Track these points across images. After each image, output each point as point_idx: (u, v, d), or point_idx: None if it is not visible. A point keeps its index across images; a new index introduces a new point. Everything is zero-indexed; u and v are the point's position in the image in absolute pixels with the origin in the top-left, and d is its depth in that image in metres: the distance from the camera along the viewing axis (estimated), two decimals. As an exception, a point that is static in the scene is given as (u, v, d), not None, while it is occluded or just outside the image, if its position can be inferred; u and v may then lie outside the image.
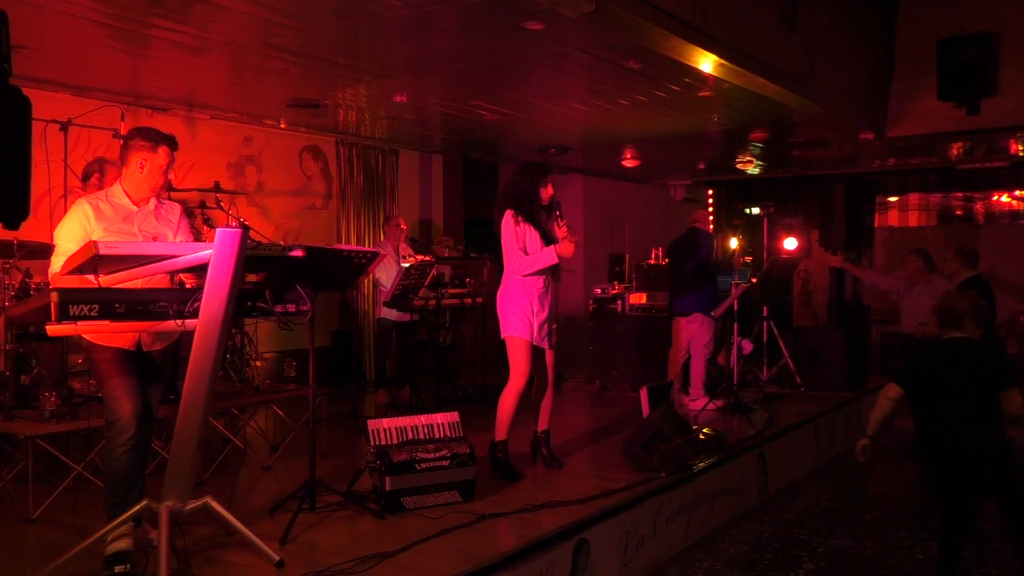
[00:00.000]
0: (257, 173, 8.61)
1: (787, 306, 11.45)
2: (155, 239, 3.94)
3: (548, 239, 5.27)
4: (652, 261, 9.58)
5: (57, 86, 6.69)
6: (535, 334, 5.23)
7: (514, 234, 5.19)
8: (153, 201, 4.03)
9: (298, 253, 3.75)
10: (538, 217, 5.26)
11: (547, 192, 5.26)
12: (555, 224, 5.27)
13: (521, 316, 5.22)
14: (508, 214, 5.22)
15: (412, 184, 10.47)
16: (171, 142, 3.97)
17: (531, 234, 5.22)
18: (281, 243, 3.83)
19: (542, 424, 5.57)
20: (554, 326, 5.37)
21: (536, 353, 5.33)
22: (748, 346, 8.54)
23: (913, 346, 7.13)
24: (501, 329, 5.26)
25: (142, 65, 6.24)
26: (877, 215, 13.05)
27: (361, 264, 4.50)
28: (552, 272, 5.30)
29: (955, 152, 10.56)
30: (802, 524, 5.85)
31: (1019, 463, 4.15)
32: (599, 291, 9.45)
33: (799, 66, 7.43)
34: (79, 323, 3.24)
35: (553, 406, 5.58)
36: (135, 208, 3.97)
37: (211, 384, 3.47)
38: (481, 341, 8.61)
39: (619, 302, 9.30)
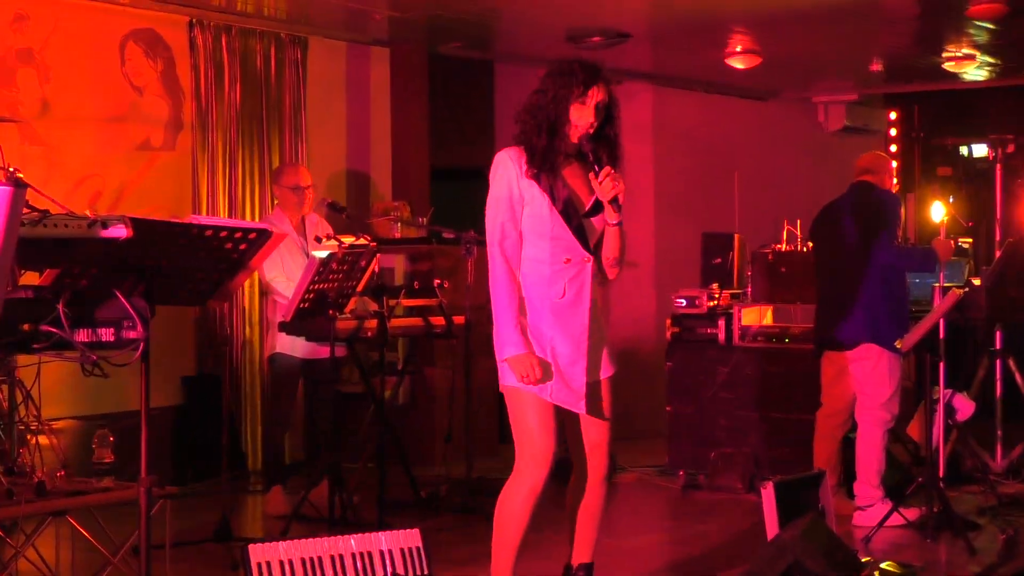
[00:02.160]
0: (39, 83, 8.62)
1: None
2: None
3: (572, 208, 5.23)
4: (785, 247, 9.57)
5: None
6: (556, 387, 5.21)
7: (506, 194, 5.17)
8: None
9: (120, 232, 3.75)
10: (558, 167, 5.23)
11: (584, 117, 5.22)
12: (592, 174, 5.22)
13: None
14: (500, 156, 5.22)
15: (333, 103, 10.49)
16: None
17: (538, 197, 5.19)
18: (87, 214, 3.82)
19: (579, 554, 5.55)
20: (603, 373, 5.35)
21: (565, 419, 5.31)
22: (967, 407, 8.51)
23: None
24: (499, 374, 5.26)
25: None
26: None
27: (238, 252, 4.49)
28: (585, 263, 5.28)
29: None
30: None
31: None
32: (683, 303, 9.42)
33: None
34: None
35: (602, 517, 5.56)
36: None
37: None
38: (464, 395, 8.59)
39: (722, 323, 9.28)
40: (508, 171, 5.17)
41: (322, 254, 7.16)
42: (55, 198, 4.29)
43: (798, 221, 9.55)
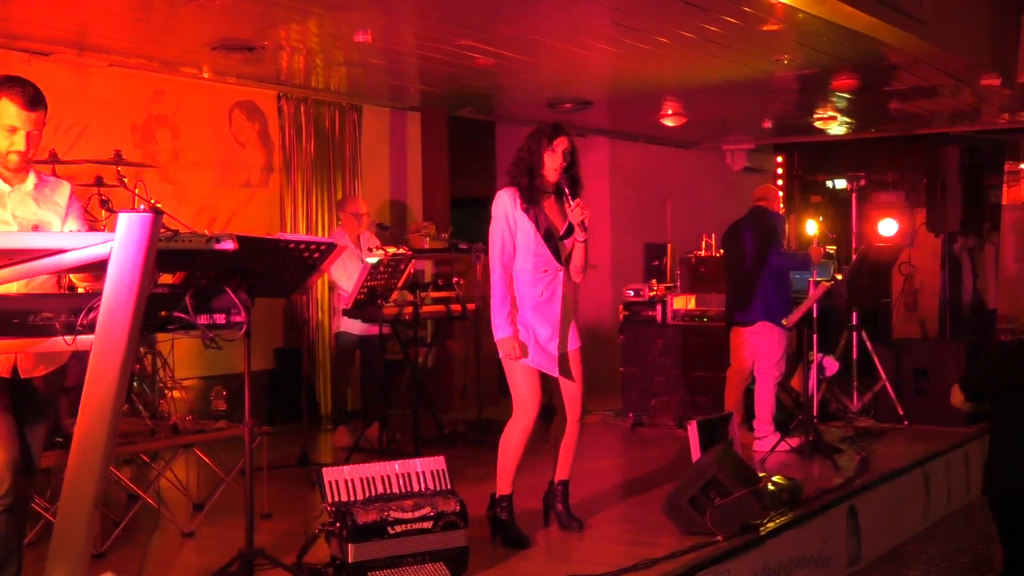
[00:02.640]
0: (172, 139, 8.61)
1: (884, 312, 11.47)
2: (35, 228, 3.94)
3: (550, 233, 5.29)
4: (703, 253, 9.58)
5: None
6: (538, 358, 5.25)
7: (503, 222, 5.26)
8: (32, 178, 4.02)
9: (228, 245, 3.75)
10: (540, 201, 5.30)
11: (554, 161, 5.27)
12: (567, 203, 5.30)
13: (520, 334, 5.26)
14: (500, 194, 5.31)
15: (380, 152, 10.47)
16: (16, 90, 3.83)
17: (525, 225, 5.26)
18: (206, 232, 3.82)
19: (560, 473, 5.57)
20: (571, 346, 5.39)
21: (548, 377, 5.34)
22: (832, 365, 8.54)
23: (996, 348, 7.18)
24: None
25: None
26: (1006, 187, 13.04)
27: (313, 260, 4.50)
28: (558, 272, 5.31)
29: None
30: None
31: None
32: (632, 293, 9.44)
33: (899, -12, 7.44)
34: (-69, 342, 3.23)
35: (577, 447, 5.58)
36: (7, 187, 3.96)
37: (113, 422, 3.46)
38: (475, 361, 8.61)
39: (659, 308, 9.29)
40: (506, 204, 5.31)
41: (373, 260, 7.19)
42: (182, 222, 4.31)
43: (712, 235, 9.57)
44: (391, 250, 7.54)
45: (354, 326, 7.97)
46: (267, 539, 5.23)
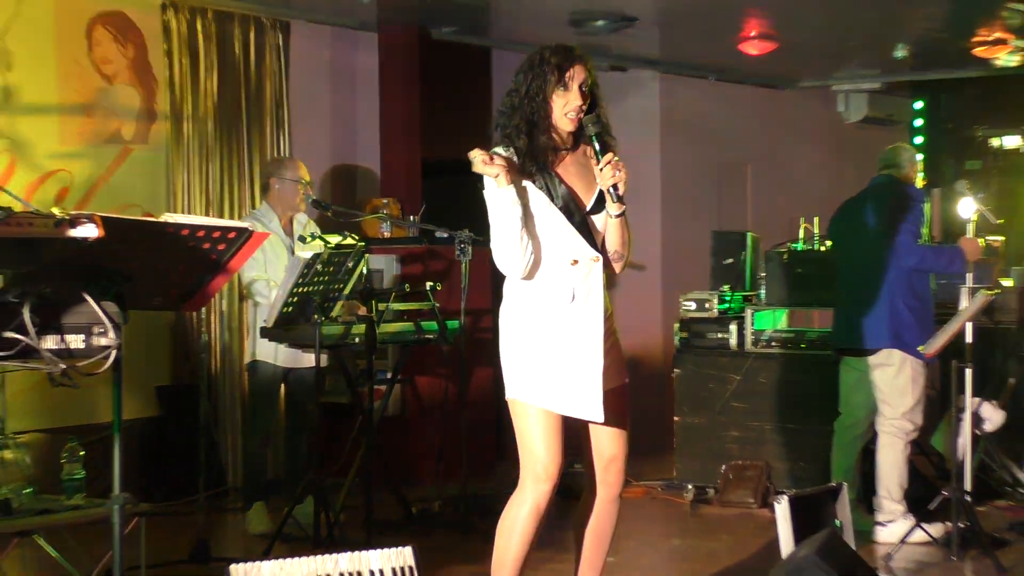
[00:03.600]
0: (2, 70, 8.64)
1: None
2: None
3: (571, 205, 5.25)
4: (801, 246, 9.59)
5: None
6: (568, 398, 5.23)
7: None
8: None
9: (90, 231, 3.77)
10: (553, 166, 5.26)
11: (568, 103, 5.24)
12: (592, 161, 5.25)
13: (533, 359, 5.23)
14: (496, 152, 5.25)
15: (317, 93, 10.50)
16: None
17: (535, 199, 5.21)
18: (54, 212, 3.84)
19: (586, 573, 5.58)
20: (617, 381, 5.37)
21: (572, 431, 5.34)
22: (996, 416, 8.54)
23: None
24: (505, 384, 5.29)
25: None
26: None
27: (217, 253, 4.51)
28: (595, 263, 5.30)
29: None
30: None
31: None
32: (692, 306, 9.45)
33: None
34: None
35: (611, 539, 5.59)
36: None
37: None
38: (459, 407, 8.61)
39: (734, 328, 9.31)
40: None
41: (307, 254, 7.18)
42: (18, 197, 4.31)
43: (816, 218, 9.58)
44: (333, 239, 7.56)
45: (278, 353, 7.99)
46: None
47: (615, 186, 5.10)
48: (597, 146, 5.14)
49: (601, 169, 5.09)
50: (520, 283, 5.22)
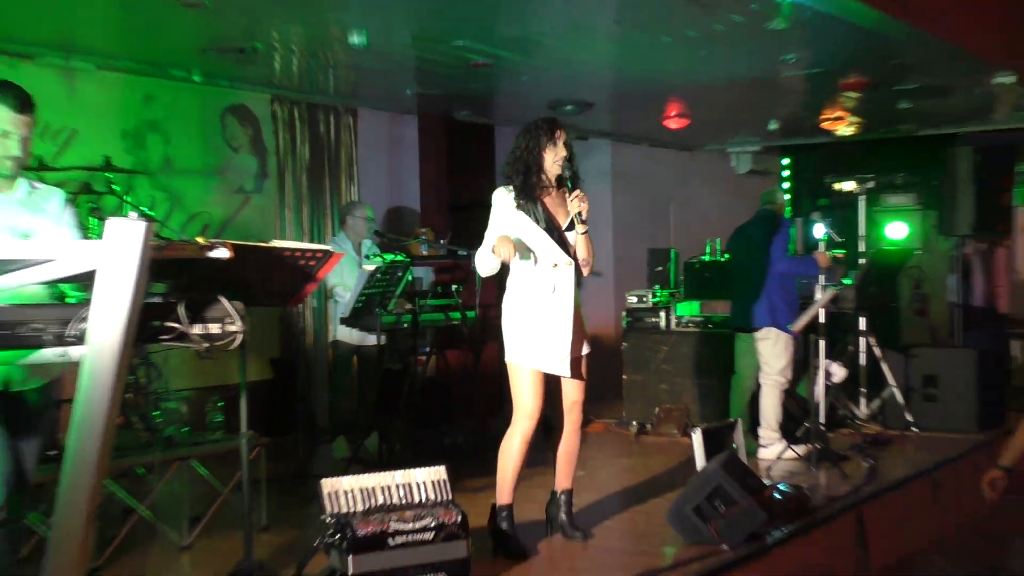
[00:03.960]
0: (163, 145, 8.63)
1: (893, 317, 11.44)
2: (27, 237, 3.96)
3: (552, 227, 5.32)
4: (707, 258, 9.60)
5: None
6: (547, 359, 5.26)
7: (499, 220, 5.30)
8: (22, 185, 4.04)
9: (223, 253, 3.77)
10: (540, 198, 5.33)
11: (556, 154, 5.32)
12: (565, 195, 5.34)
13: (525, 333, 5.27)
14: (500, 192, 5.36)
15: (377, 157, 10.51)
16: (5, 94, 3.87)
17: (524, 222, 5.28)
18: (199, 240, 3.84)
19: (561, 482, 5.59)
20: (583, 351, 5.41)
21: (551, 385, 5.36)
22: (840, 372, 8.54)
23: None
24: (505, 351, 5.37)
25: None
26: (1019, 189, 13.04)
27: (309, 267, 4.51)
28: (569, 266, 5.33)
29: None
30: (918, 615, 5.86)
31: None
32: (635, 299, 9.47)
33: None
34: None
35: (577, 456, 5.60)
36: (-3, 194, 3.99)
37: (107, 435, 3.48)
38: (474, 371, 8.62)
39: (663, 314, 9.32)
40: (503, 204, 5.34)
41: (371, 267, 7.21)
42: (175, 230, 4.35)
43: (718, 239, 9.60)
44: (388, 257, 7.56)
45: (352, 335, 8.00)
46: (266, 552, 5.26)
47: (580, 212, 5.29)
48: (570, 184, 5.31)
49: (571, 200, 5.23)
50: (518, 280, 5.35)
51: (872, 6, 6.98)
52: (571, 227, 5.37)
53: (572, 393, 5.47)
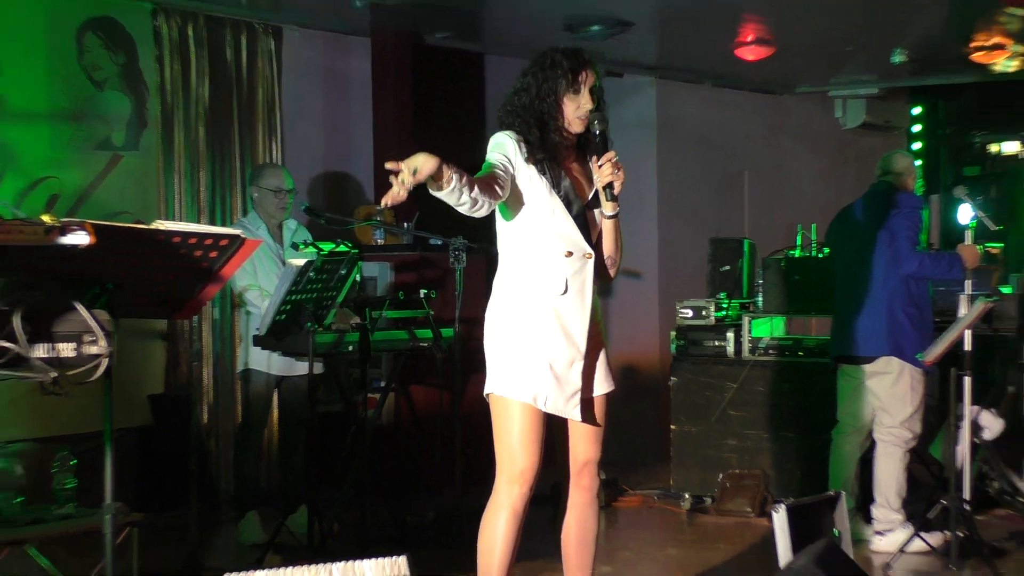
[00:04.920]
0: (-7, 78, 8.65)
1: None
2: None
3: (570, 196, 5.28)
4: (798, 253, 9.61)
5: None
6: (550, 393, 5.25)
7: (502, 157, 5.18)
8: None
9: (81, 238, 3.78)
10: (557, 155, 5.30)
11: (579, 106, 5.29)
12: (592, 161, 5.29)
13: (518, 353, 5.24)
14: (501, 135, 5.26)
15: (309, 98, 10.51)
16: None
17: (537, 181, 5.24)
18: (44, 219, 3.85)
19: (575, 583, 5.59)
20: (598, 389, 5.39)
21: (554, 432, 5.35)
22: (994, 424, 8.55)
23: None
24: (487, 380, 5.31)
25: None
26: None
27: (209, 260, 4.52)
28: (587, 258, 5.31)
29: None
30: None
31: None
32: (689, 313, 9.47)
33: None
34: None
35: (598, 544, 5.60)
36: None
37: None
38: (452, 415, 8.61)
39: (731, 336, 9.32)
40: (509, 145, 5.22)
41: (299, 262, 7.18)
42: (8, 202, 4.33)
43: (813, 225, 9.60)
44: (326, 247, 7.56)
45: (271, 362, 7.99)
46: None
47: (611, 185, 5.18)
48: (600, 143, 5.23)
49: (600, 166, 5.17)
50: (513, 275, 5.27)
51: None
52: (596, 204, 5.34)
53: (584, 448, 5.43)
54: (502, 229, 5.32)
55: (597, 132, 5.25)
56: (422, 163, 4.61)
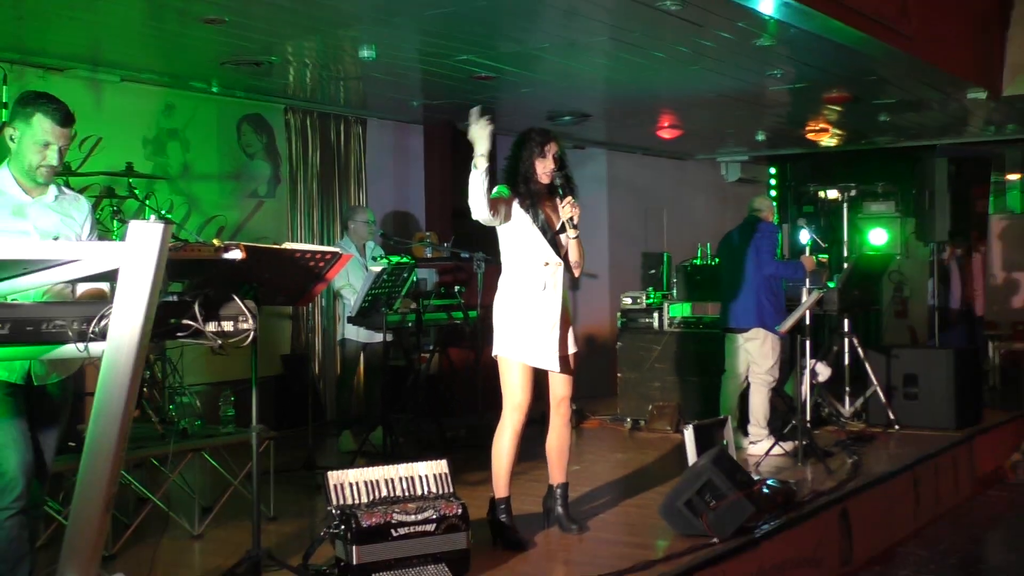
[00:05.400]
0: (182, 152, 8.62)
1: (875, 319, 11.46)
2: (55, 239, 3.95)
3: (546, 227, 5.31)
4: (699, 261, 9.58)
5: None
6: (537, 353, 5.23)
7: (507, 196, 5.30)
8: (53, 190, 4.05)
9: (236, 255, 3.75)
10: (538, 202, 5.32)
11: (545, 166, 5.31)
12: (558, 201, 5.34)
13: (515, 328, 5.24)
14: (503, 188, 5.36)
15: (384, 164, 10.48)
16: (49, 107, 3.91)
17: (521, 218, 5.28)
18: (214, 242, 3.82)
19: (556, 476, 5.56)
20: (569, 349, 5.38)
21: (540, 379, 5.34)
22: (825, 371, 8.53)
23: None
24: (494, 345, 5.33)
25: (28, 9, 6.25)
26: (993, 197, 13.05)
27: (318, 268, 4.50)
28: (558, 266, 5.31)
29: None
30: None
31: None
32: (629, 300, 9.44)
33: (886, 5, 7.44)
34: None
35: (571, 452, 5.57)
36: (28, 199, 3.98)
37: (124, 427, 3.46)
38: (476, 368, 8.60)
39: (656, 315, 9.30)
40: (507, 192, 5.35)
41: (377, 269, 7.18)
42: (192, 232, 4.35)
43: (708, 243, 9.58)
44: (394, 259, 7.55)
45: (359, 333, 7.97)
46: (274, 541, 5.22)
47: (572, 218, 5.29)
48: (560, 192, 5.32)
49: (562, 207, 5.22)
50: (510, 278, 5.35)
51: (853, 27, 7.01)
52: (563, 230, 5.36)
53: (560, 389, 5.44)
54: (503, 248, 5.41)
55: (558, 184, 5.30)
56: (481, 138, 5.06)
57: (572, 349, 5.41)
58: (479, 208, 5.09)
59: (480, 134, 5.09)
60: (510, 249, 5.34)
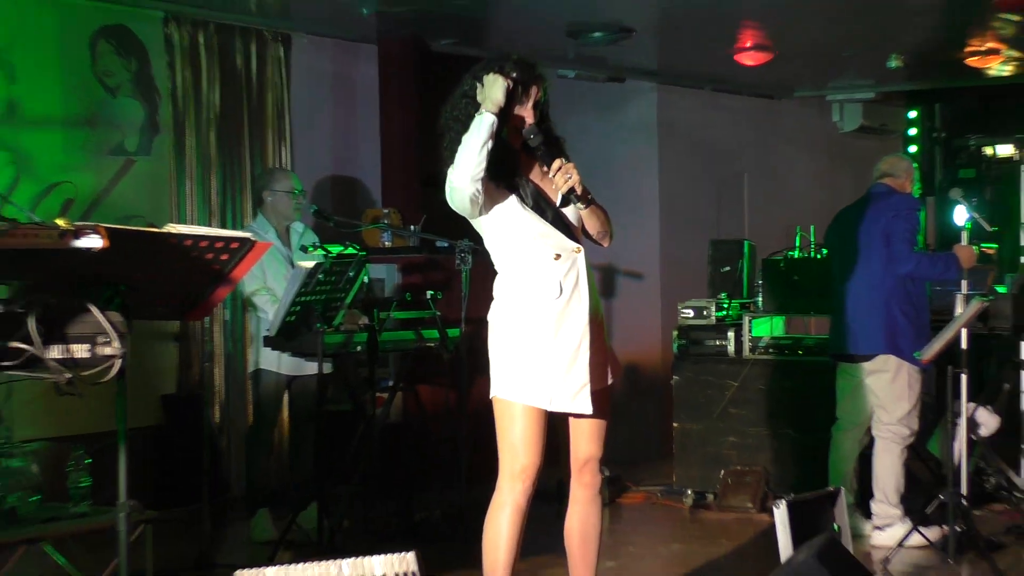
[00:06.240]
0: (4, 83, 8.63)
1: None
2: None
3: (541, 203, 5.25)
4: (797, 254, 9.59)
5: None
6: (554, 393, 5.23)
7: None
8: None
9: (94, 242, 3.77)
10: (515, 169, 5.29)
11: (525, 116, 5.25)
12: (542, 169, 5.26)
13: (521, 356, 5.23)
14: None
15: (318, 105, 10.50)
16: None
17: (503, 198, 5.23)
18: (58, 223, 3.84)
19: (581, 574, 5.57)
20: (605, 382, 5.37)
21: (555, 431, 5.34)
22: (991, 421, 8.52)
23: None
24: (491, 383, 5.30)
25: None
26: None
27: (219, 263, 4.51)
28: (576, 254, 5.28)
29: None
30: None
31: None
32: (691, 314, 9.45)
33: None
34: None
35: (602, 540, 5.58)
36: None
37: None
38: (459, 415, 8.60)
39: (731, 335, 9.31)
40: None
41: (308, 264, 7.17)
42: (21, 207, 4.33)
43: (812, 227, 9.60)
44: (335, 249, 7.55)
45: (281, 362, 7.99)
46: None
47: (573, 190, 5.16)
48: (545, 155, 5.20)
49: (552, 177, 5.14)
50: (509, 282, 5.28)
51: None
52: (568, 202, 5.29)
53: (586, 445, 5.41)
54: (490, 245, 5.37)
55: (533, 144, 5.21)
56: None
57: (609, 379, 5.39)
58: (466, 180, 5.05)
59: (496, 82, 5.06)
60: (501, 247, 5.29)
